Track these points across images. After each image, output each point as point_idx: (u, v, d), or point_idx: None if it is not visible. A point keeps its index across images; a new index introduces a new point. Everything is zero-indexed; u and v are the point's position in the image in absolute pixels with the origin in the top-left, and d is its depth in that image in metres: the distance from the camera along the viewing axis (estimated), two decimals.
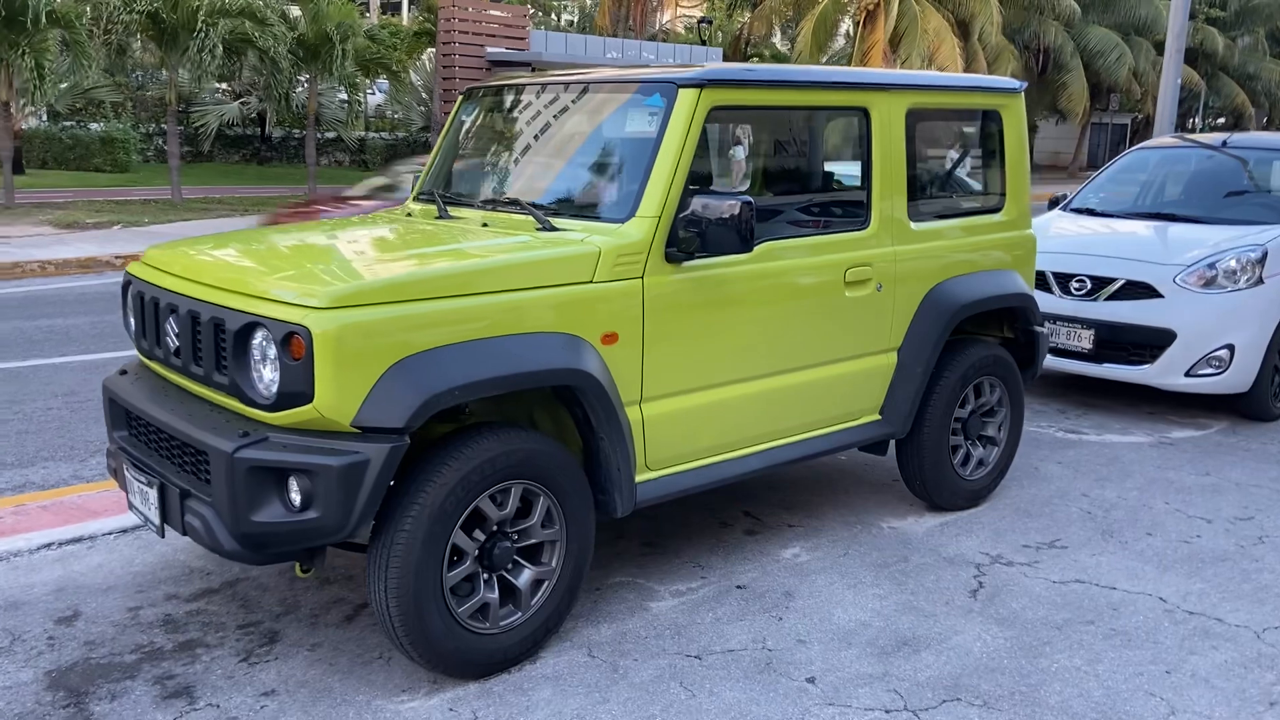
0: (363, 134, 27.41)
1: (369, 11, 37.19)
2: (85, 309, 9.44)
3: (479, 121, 4.39)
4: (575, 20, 37.54)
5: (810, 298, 3.97)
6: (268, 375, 2.95)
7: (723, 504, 4.71)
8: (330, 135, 25.26)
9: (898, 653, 3.47)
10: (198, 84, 21.23)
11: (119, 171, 21.99)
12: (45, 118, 22.01)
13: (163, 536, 3.28)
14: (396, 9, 44.41)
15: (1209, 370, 6.04)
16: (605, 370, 3.35)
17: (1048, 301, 6.43)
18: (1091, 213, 7.34)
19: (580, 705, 3.12)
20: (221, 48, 16.84)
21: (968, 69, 25.36)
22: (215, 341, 3.08)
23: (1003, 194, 4.79)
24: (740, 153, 4.65)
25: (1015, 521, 4.64)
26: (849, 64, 26.61)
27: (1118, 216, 7.15)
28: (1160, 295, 6.10)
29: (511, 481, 3.18)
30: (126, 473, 3.41)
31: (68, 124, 22.59)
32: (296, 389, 2.86)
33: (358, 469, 2.85)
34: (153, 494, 3.22)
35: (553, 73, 4.28)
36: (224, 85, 24.38)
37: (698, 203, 3.46)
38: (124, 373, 3.72)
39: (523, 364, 3.13)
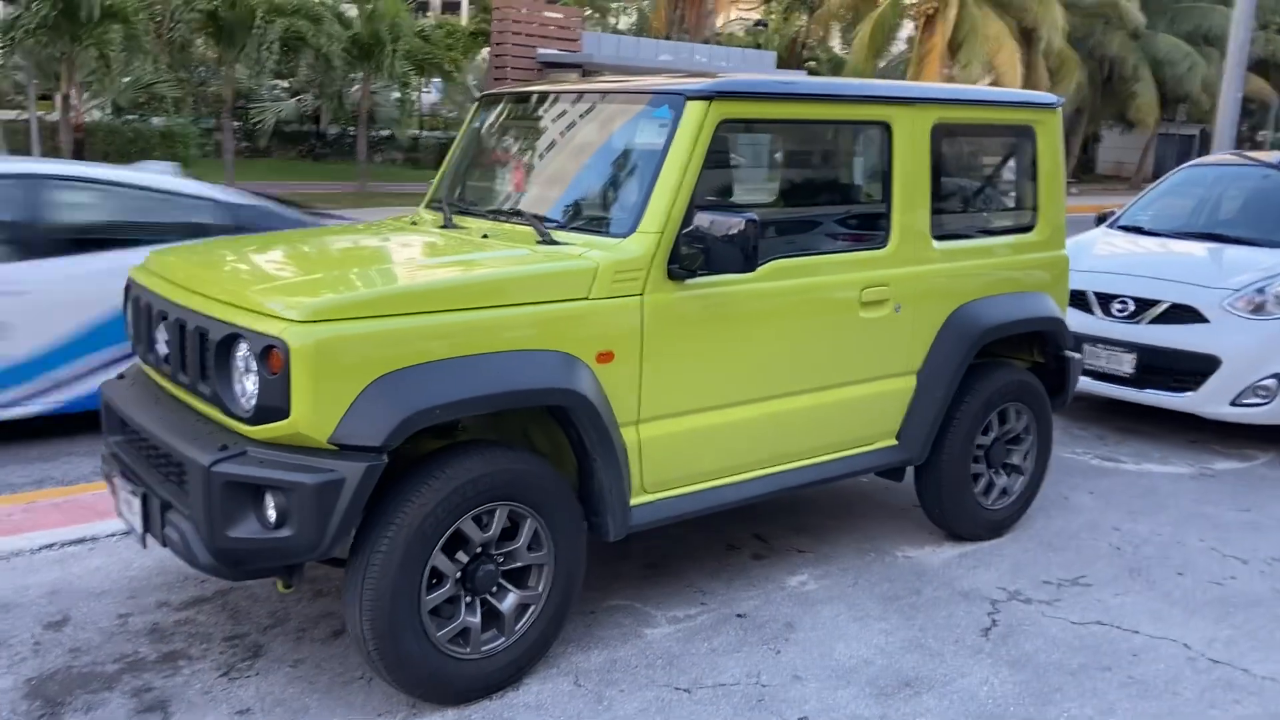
0: (416, 132, 27.57)
1: (429, 11, 37.50)
2: None
3: (491, 129, 4.31)
4: (634, 22, 37.53)
5: (822, 318, 3.83)
6: (248, 388, 2.89)
7: (732, 526, 4.58)
8: (384, 133, 25.45)
9: (898, 694, 3.32)
10: (256, 81, 21.51)
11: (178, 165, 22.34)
12: (109, 111, 22.41)
13: (144, 546, 3.24)
14: (456, 8, 44.74)
15: (1255, 399, 5.77)
16: (599, 390, 3.25)
17: (1088, 322, 6.21)
18: (1140, 231, 7.07)
19: None
20: (278, 45, 17.02)
21: (1028, 76, 24.88)
22: (200, 351, 3.03)
23: (1035, 212, 4.60)
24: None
25: (1038, 555, 4.45)
26: (906, 69, 26.25)
27: (1167, 236, 6.88)
28: (1206, 320, 5.84)
29: (496, 503, 3.09)
30: (115, 479, 3.38)
31: (130, 118, 22.97)
32: (274, 403, 2.80)
33: (332, 488, 2.78)
34: (136, 502, 3.18)
35: (566, 82, 4.18)
36: (282, 82, 24.68)
37: (701, 219, 3.34)
38: (122, 377, 3.70)
39: (510, 383, 3.04)
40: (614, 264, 3.28)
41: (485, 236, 3.63)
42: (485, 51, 24.53)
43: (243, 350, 2.89)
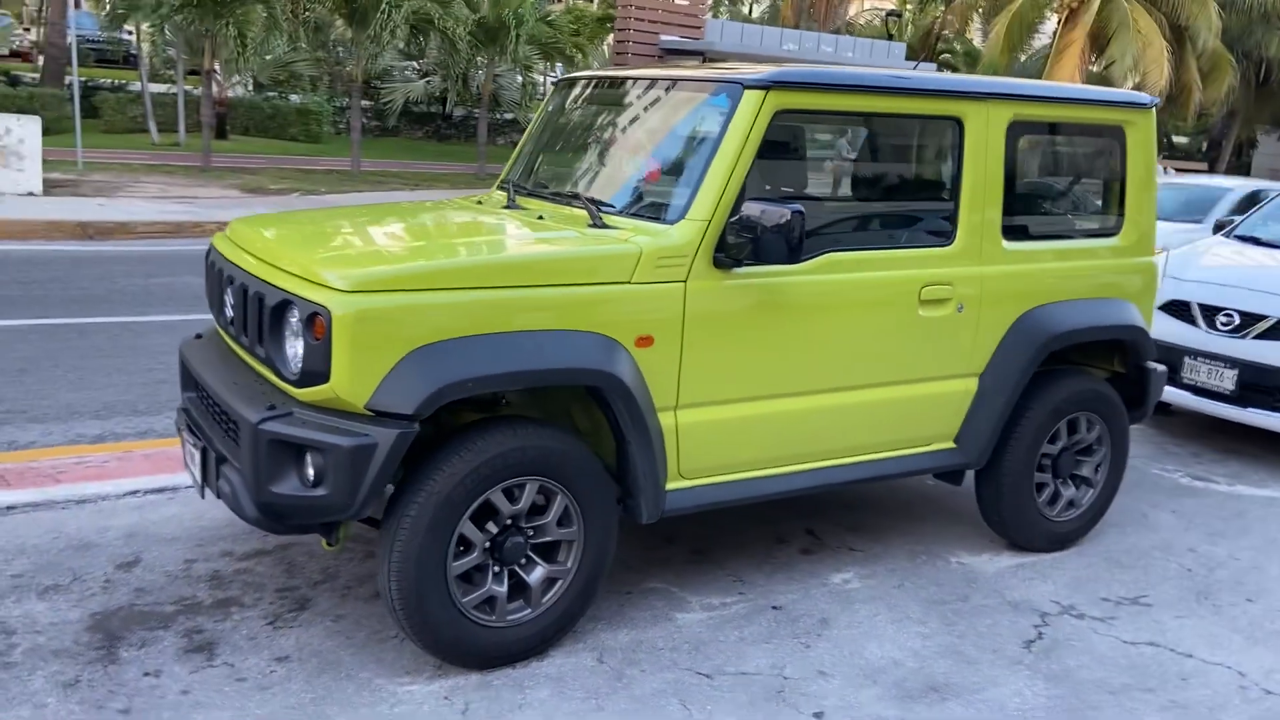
0: None
1: None
2: None
3: (562, 114, 4.38)
4: (765, 10, 37.21)
5: (875, 314, 3.77)
6: (296, 352, 3.03)
7: (786, 519, 4.56)
8: (507, 116, 25.95)
9: (923, 698, 3.27)
10: (388, 61, 22.20)
11: (311, 141, 23.25)
12: (251, 87, 23.49)
13: (203, 497, 3.43)
14: None
15: None
16: (636, 373, 3.29)
17: (1190, 335, 5.95)
18: (1257, 241, 6.72)
19: (574, 710, 3.08)
20: (407, 27, 17.55)
21: (1176, 75, 23.71)
22: (258, 315, 3.19)
23: (1120, 216, 4.43)
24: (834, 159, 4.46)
25: (1102, 571, 4.30)
26: (1045, 63, 25.30)
27: None
28: None
29: (526, 477, 3.16)
30: (183, 433, 3.59)
31: (270, 94, 24.05)
32: (317, 368, 2.93)
33: (365, 451, 2.89)
34: (198, 455, 3.37)
35: (636, 69, 4.22)
36: (413, 63, 25.41)
37: (750, 208, 3.34)
38: (199, 337, 3.91)
39: (544, 361, 3.11)
40: (657, 249, 3.31)
41: (540, 218, 3.71)
42: (611, 38, 24.73)
43: (294, 316, 3.03)
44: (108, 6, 17.02)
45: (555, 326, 3.15)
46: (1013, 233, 4.09)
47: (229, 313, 3.48)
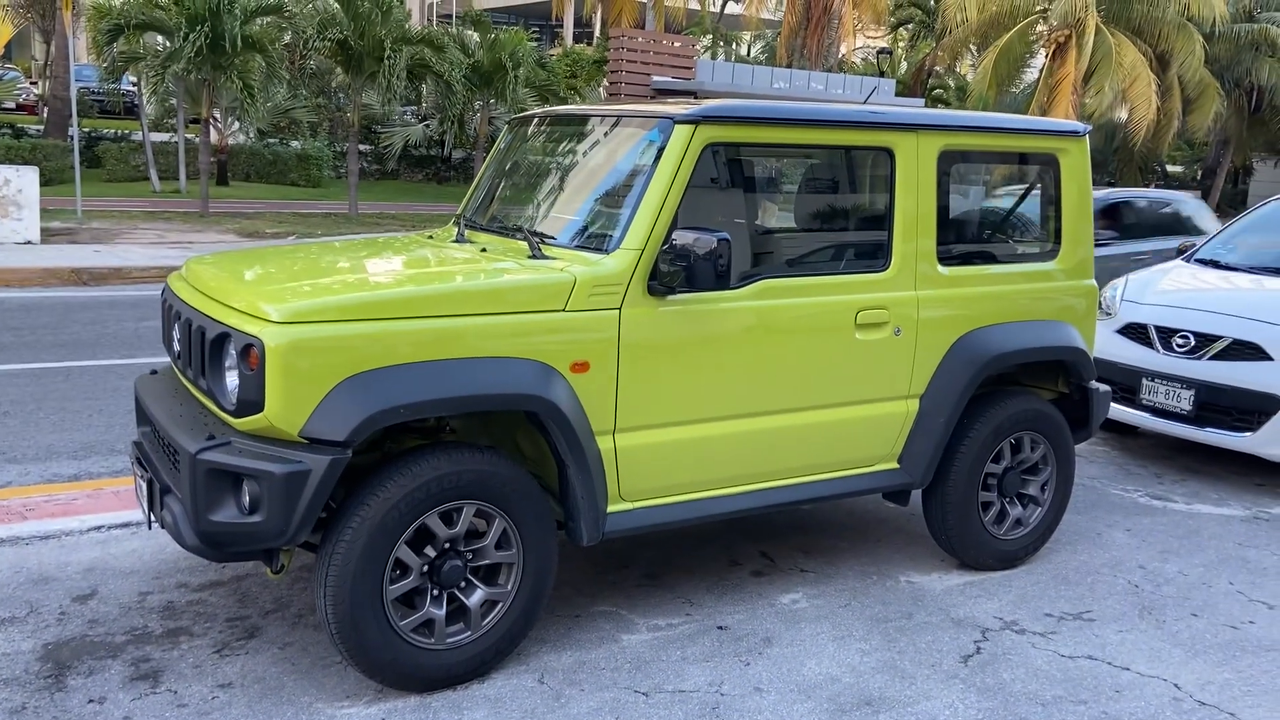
0: None
1: (559, 41, 38.45)
2: None
3: (511, 150, 4.52)
4: (762, 51, 37.66)
5: (811, 338, 3.87)
6: (233, 383, 3.14)
7: (740, 541, 4.64)
8: None
9: (855, 712, 3.33)
10: (386, 106, 22.50)
11: (311, 186, 23.55)
12: (252, 135, 23.83)
13: (150, 528, 3.52)
14: (590, 38, 45.72)
15: None
16: (573, 398, 3.39)
17: (1148, 357, 6.04)
18: (1216, 265, 6.80)
19: None
20: (404, 73, 17.85)
21: (1162, 105, 23.92)
22: (200, 348, 3.31)
23: (1058, 242, 4.53)
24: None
25: (1049, 588, 4.36)
26: (1033, 98, 25.55)
27: (1244, 271, 6.60)
28: (1270, 358, 5.60)
29: (463, 501, 3.25)
30: (134, 466, 3.69)
31: (271, 141, 24.40)
32: (251, 397, 3.04)
33: (299, 478, 2.99)
34: (145, 487, 3.48)
35: (579, 106, 4.36)
36: (412, 108, 25.78)
37: (681, 237, 3.45)
38: (154, 373, 4.03)
39: (478, 387, 3.20)
40: (592, 278, 3.42)
41: (484, 250, 3.83)
42: (606, 80, 25.08)
43: (231, 348, 3.14)
44: (109, 59, 17.33)
45: (491, 354, 3.26)
46: (949, 258, 4.19)
47: (176, 347, 3.59)
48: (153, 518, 3.44)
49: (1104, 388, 4.66)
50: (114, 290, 11.28)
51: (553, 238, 3.78)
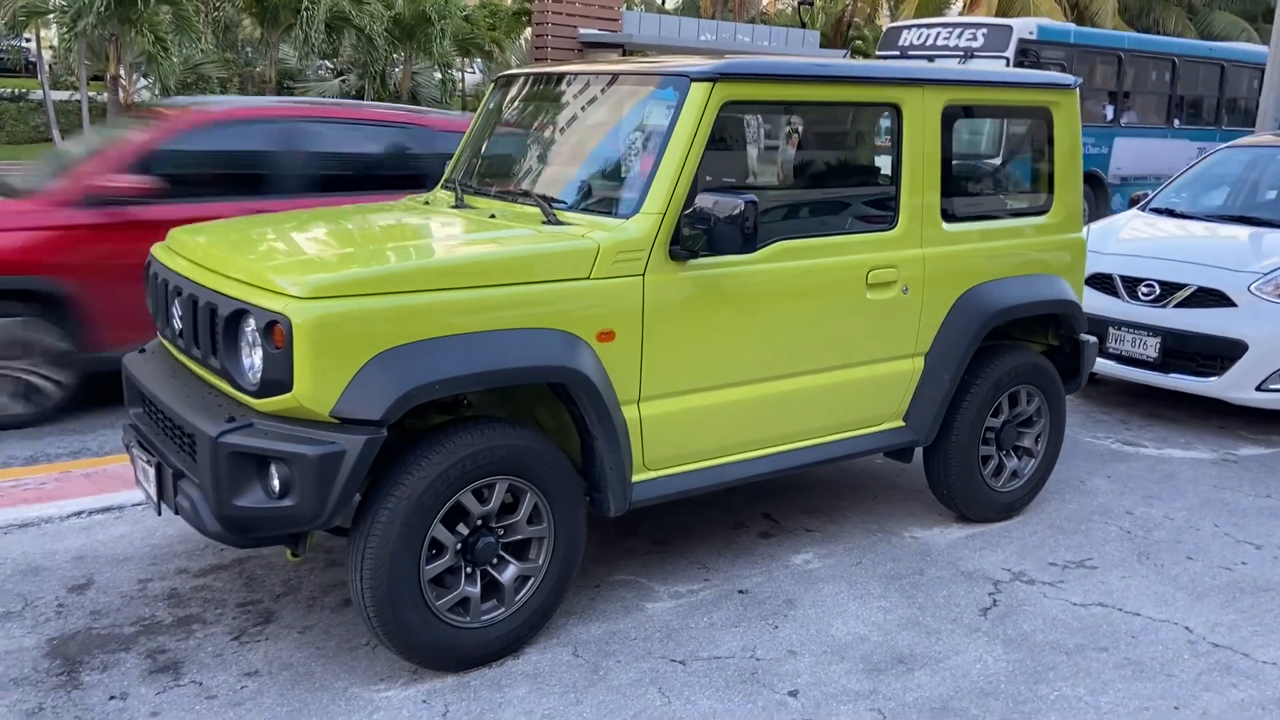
0: (459, 113, 27.72)
1: None
2: None
3: (504, 110, 4.37)
4: (680, 2, 37.30)
5: (826, 299, 3.85)
6: (254, 362, 2.99)
7: (742, 505, 4.63)
8: None
9: (890, 670, 3.36)
10: (303, 61, 21.72)
11: None
12: (158, 92, 22.81)
13: (159, 514, 3.36)
14: None
15: None
16: (600, 368, 3.31)
17: (1114, 306, 6.17)
18: (1171, 214, 6.98)
19: (553, 706, 3.10)
20: (324, 26, 17.23)
21: None
22: (210, 326, 3.14)
23: (1050, 194, 4.58)
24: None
25: (1047, 537, 4.45)
26: None
27: (1199, 219, 6.79)
28: (1234, 304, 5.77)
29: (496, 477, 3.17)
30: (133, 450, 3.51)
31: (178, 98, 23.40)
32: (277, 377, 2.89)
33: (333, 459, 2.87)
34: (152, 472, 3.30)
35: (577, 64, 4.23)
36: (327, 63, 24.92)
37: (703, 200, 3.38)
38: (143, 351, 3.82)
39: (509, 360, 3.11)
40: (615, 244, 3.33)
41: (492, 216, 3.70)
42: (528, 32, 24.59)
43: (249, 325, 2.99)
44: (9, 14, 16.36)
45: (518, 325, 3.16)
46: (951, 214, 4.20)
47: (176, 325, 3.40)
48: (163, 504, 3.28)
49: (1093, 339, 4.75)
50: None
51: (562, 202, 3.67)
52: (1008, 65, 12.76)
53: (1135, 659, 3.48)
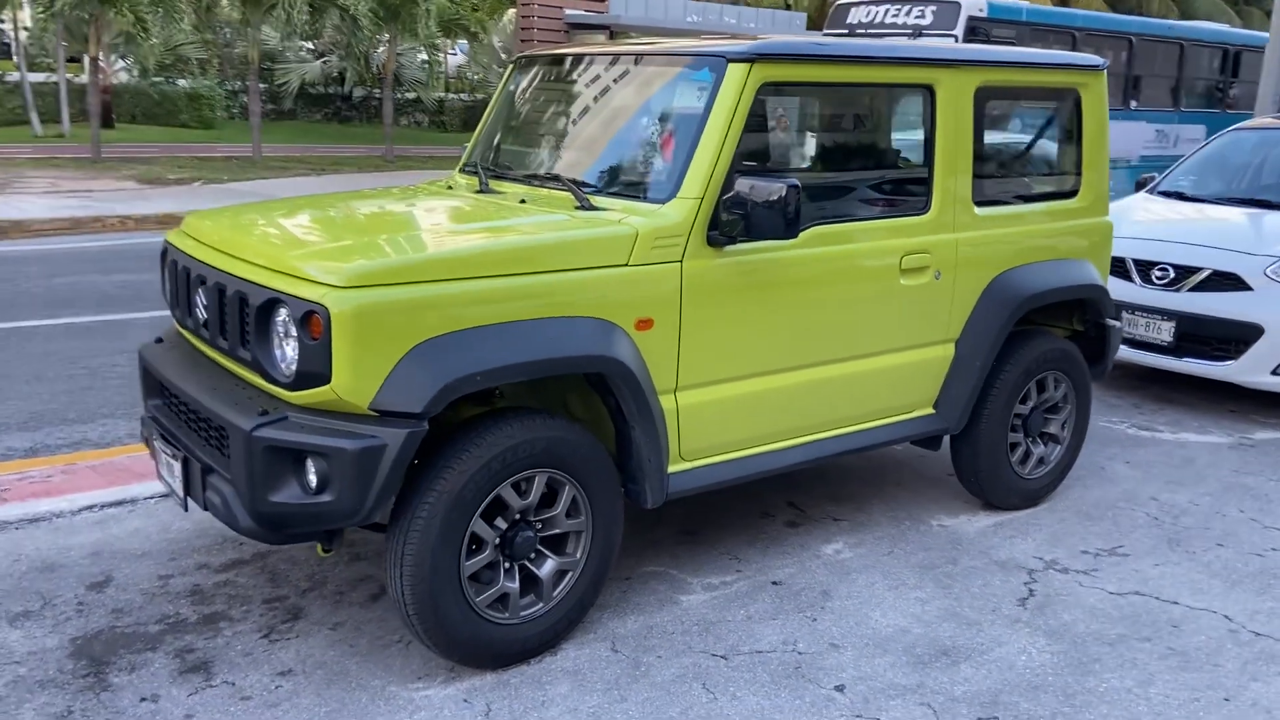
0: (442, 95, 27.47)
1: None
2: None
3: (527, 92, 4.26)
4: None
5: (861, 285, 3.78)
6: (288, 353, 2.89)
7: (766, 493, 4.56)
8: (410, 96, 25.37)
9: (935, 663, 3.31)
10: (286, 41, 21.46)
11: (204, 128, 22.41)
12: (136, 73, 22.47)
13: (185, 509, 3.25)
14: None
15: None
16: (638, 357, 3.23)
17: (1127, 290, 6.13)
18: (1181, 196, 6.95)
19: (597, 703, 3.02)
20: (308, 6, 16.96)
21: None
22: (239, 316, 3.03)
23: (1078, 178, 4.52)
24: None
25: (1075, 525, 4.41)
26: None
27: (1209, 201, 6.76)
28: (1249, 287, 5.74)
29: (535, 470, 3.08)
30: (155, 443, 3.40)
31: (157, 80, 23.03)
32: (315, 369, 2.79)
33: (373, 453, 2.77)
34: (178, 466, 3.20)
35: (603, 44, 4.12)
36: (308, 44, 24.62)
37: (742, 184, 3.29)
38: (160, 340, 3.71)
39: (551, 349, 3.02)
40: (654, 230, 3.25)
41: (523, 201, 3.60)
42: (511, 12, 24.35)
43: (283, 315, 2.88)
44: None
45: (557, 313, 3.07)
46: (983, 197, 4.13)
47: (200, 314, 3.29)
48: (190, 499, 3.17)
49: (1118, 324, 4.70)
50: (16, 245, 10.54)
51: (593, 187, 3.58)
52: (956, 44, 12.36)
53: (1179, 649, 3.44)
